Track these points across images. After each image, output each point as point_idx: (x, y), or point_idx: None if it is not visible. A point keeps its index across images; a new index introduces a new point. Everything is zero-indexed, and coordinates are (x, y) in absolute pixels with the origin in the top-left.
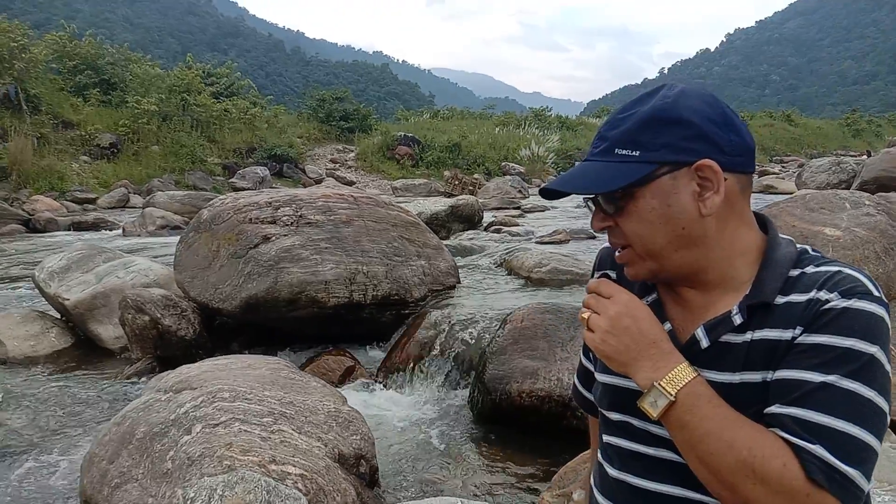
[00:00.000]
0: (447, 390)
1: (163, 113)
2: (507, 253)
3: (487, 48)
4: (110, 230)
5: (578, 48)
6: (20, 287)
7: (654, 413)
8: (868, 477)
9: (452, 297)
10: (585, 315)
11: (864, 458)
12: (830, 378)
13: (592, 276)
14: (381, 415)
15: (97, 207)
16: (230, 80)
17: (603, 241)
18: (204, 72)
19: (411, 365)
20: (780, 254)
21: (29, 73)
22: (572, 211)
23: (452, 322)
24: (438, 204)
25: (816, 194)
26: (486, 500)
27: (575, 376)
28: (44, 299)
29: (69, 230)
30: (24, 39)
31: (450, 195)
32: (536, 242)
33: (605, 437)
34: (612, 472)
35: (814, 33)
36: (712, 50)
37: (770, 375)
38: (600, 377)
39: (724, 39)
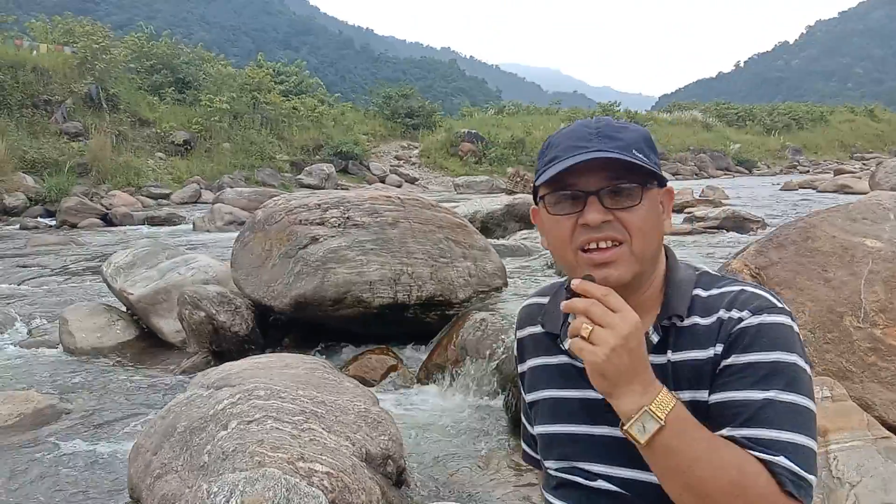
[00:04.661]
0: (485, 394)
1: (234, 111)
2: None
3: (556, 42)
4: (182, 225)
5: (650, 41)
6: (92, 280)
7: (642, 439)
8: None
9: (498, 299)
10: (588, 328)
11: (813, 463)
12: (770, 394)
13: (516, 333)
14: (417, 415)
15: (170, 203)
16: (299, 78)
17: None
18: (274, 70)
19: (451, 367)
20: (682, 275)
21: (109, 73)
22: None
23: (495, 325)
24: (494, 203)
25: (860, 203)
26: None
27: (522, 442)
28: (111, 293)
29: (143, 224)
30: (105, 41)
31: (511, 192)
32: None
33: (549, 497)
34: None
35: None
36: (791, 42)
37: (702, 395)
38: (548, 428)
39: (805, 31)
